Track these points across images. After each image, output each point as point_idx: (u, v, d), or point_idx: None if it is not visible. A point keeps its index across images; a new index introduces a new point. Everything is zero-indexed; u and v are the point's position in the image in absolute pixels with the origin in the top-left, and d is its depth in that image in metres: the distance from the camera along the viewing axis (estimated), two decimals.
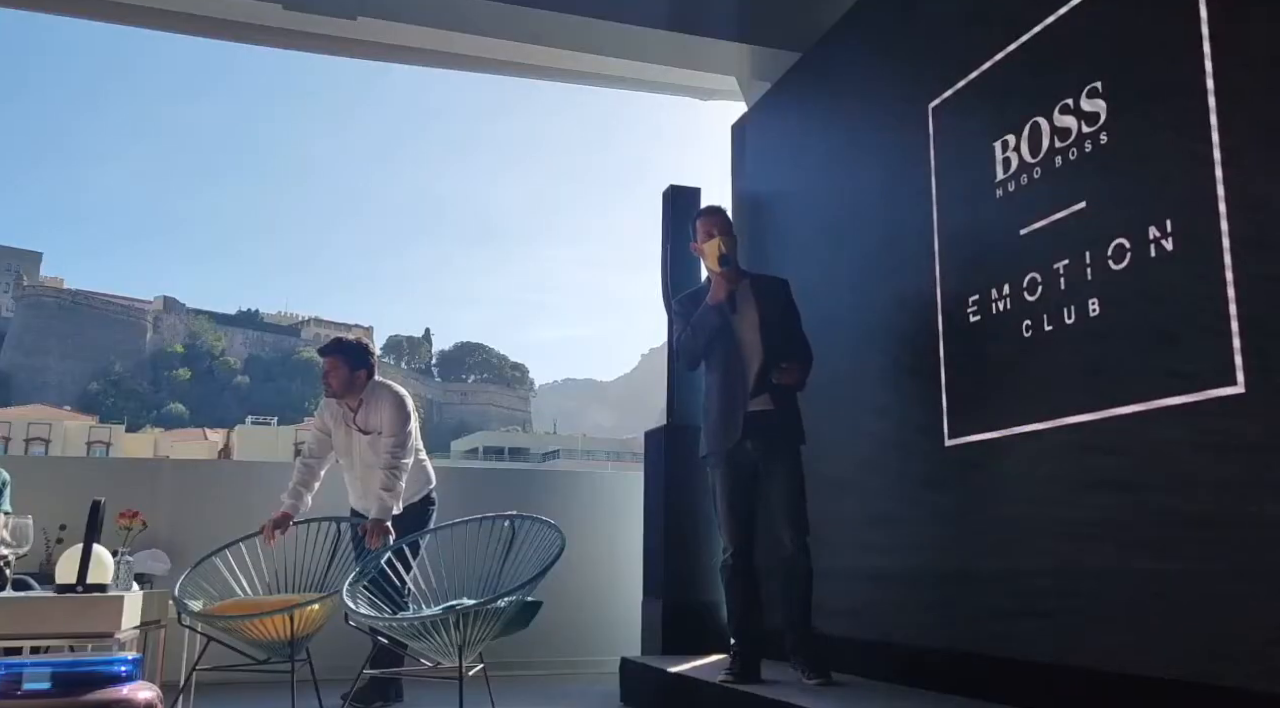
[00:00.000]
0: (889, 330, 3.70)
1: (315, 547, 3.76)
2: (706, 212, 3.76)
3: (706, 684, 3.45)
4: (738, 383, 3.44)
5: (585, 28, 5.29)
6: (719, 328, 3.49)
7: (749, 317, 3.50)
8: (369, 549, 3.67)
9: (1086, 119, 2.77)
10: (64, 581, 2.99)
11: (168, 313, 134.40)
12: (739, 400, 3.42)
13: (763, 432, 3.39)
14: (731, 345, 3.48)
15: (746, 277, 3.63)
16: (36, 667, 2.22)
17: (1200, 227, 2.36)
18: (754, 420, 3.40)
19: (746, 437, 3.40)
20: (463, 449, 79.57)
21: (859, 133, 4.15)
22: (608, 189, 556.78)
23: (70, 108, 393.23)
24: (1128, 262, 2.57)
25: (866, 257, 3.92)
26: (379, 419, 3.96)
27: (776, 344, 3.45)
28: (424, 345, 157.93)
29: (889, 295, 3.72)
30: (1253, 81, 2.30)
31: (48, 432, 68.15)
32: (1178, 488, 2.36)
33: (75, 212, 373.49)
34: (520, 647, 3.76)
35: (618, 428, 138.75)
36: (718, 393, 3.51)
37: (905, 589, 3.41)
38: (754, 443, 3.40)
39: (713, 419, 3.52)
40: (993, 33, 3.22)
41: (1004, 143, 3.11)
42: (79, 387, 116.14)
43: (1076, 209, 2.78)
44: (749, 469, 3.44)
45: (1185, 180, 2.42)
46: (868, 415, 3.74)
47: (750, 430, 3.39)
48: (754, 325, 3.48)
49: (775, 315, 3.51)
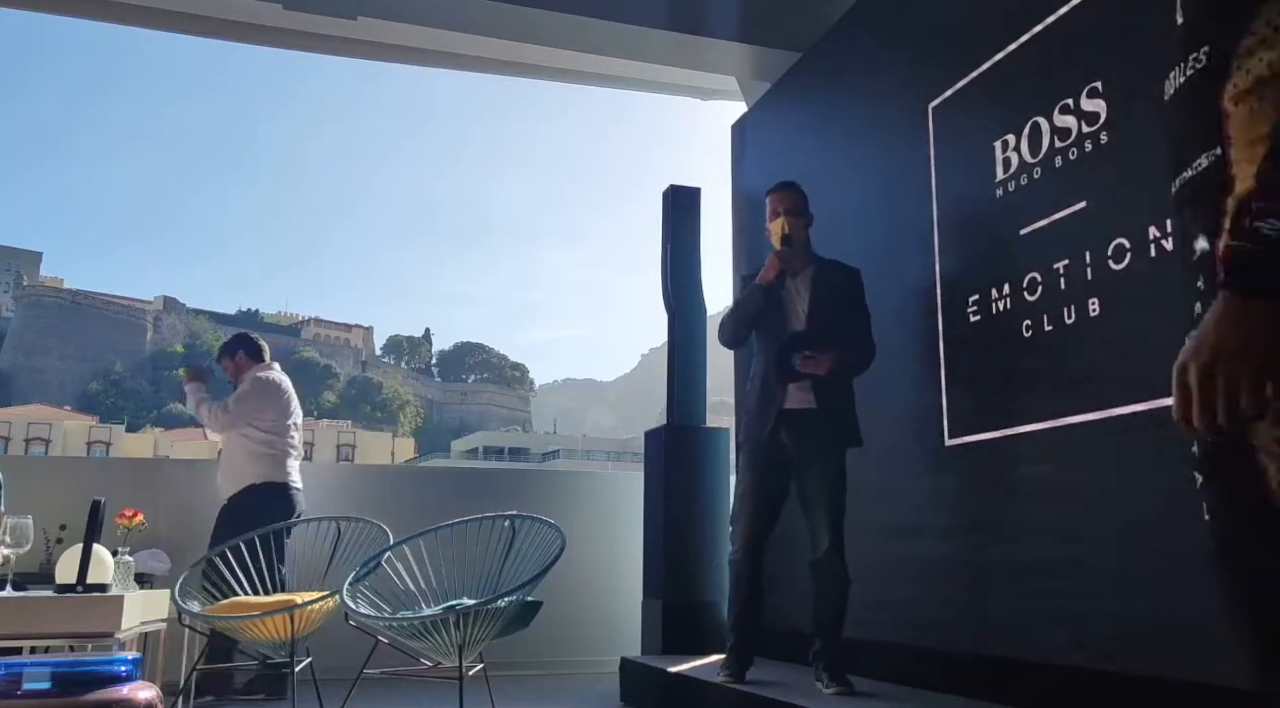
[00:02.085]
0: (889, 330, 3.70)
1: (315, 547, 3.76)
2: (776, 188, 3.54)
3: (706, 684, 3.45)
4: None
5: (585, 27, 5.29)
6: (763, 309, 3.34)
7: (800, 301, 3.36)
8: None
9: (1086, 119, 2.77)
10: (64, 581, 2.99)
11: (168, 313, 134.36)
12: (775, 392, 3.27)
13: (801, 429, 3.25)
14: (779, 330, 3.33)
15: (813, 262, 3.45)
16: (36, 667, 2.22)
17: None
18: (793, 418, 3.25)
19: (781, 429, 3.27)
20: (463, 449, 79.55)
21: (859, 133, 4.15)
22: (607, 189, 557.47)
23: (70, 108, 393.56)
24: (1128, 262, 2.57)
25: (866, 257, 3.91)
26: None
27: (819, 332, 3.27)
28: (424, 345, 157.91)
29: (889, 295, 3.72)
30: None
31: (48, 432, 68.13)
32: (1178, 487, 2.35)
33: (75, 212, 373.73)
34: (520, 647, 3.76)
35: (618, 428, 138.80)
36: (760, 380, 3.36)
37: (905, 589, 3.41)
38: (790, 438, 3.26)
39: (751, 407, 3.38)
40: (993, 33, 3.22)
41: (1004, 143, 3.11)
42: (79, 387, 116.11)
43: (1076, 209, 2.78)
44: (779, 463, 3.30)
45: None
46: (868, 415, 3.73)
47: (787, 425, 3.26)
48: (801, 311, 3.34)
49: (828, 302, 3.33)
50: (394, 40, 5.48)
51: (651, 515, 4.93)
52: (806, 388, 3.25)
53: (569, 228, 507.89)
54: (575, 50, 5.53)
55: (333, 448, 77.00)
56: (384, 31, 5.34)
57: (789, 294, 3.38)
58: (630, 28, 5.31)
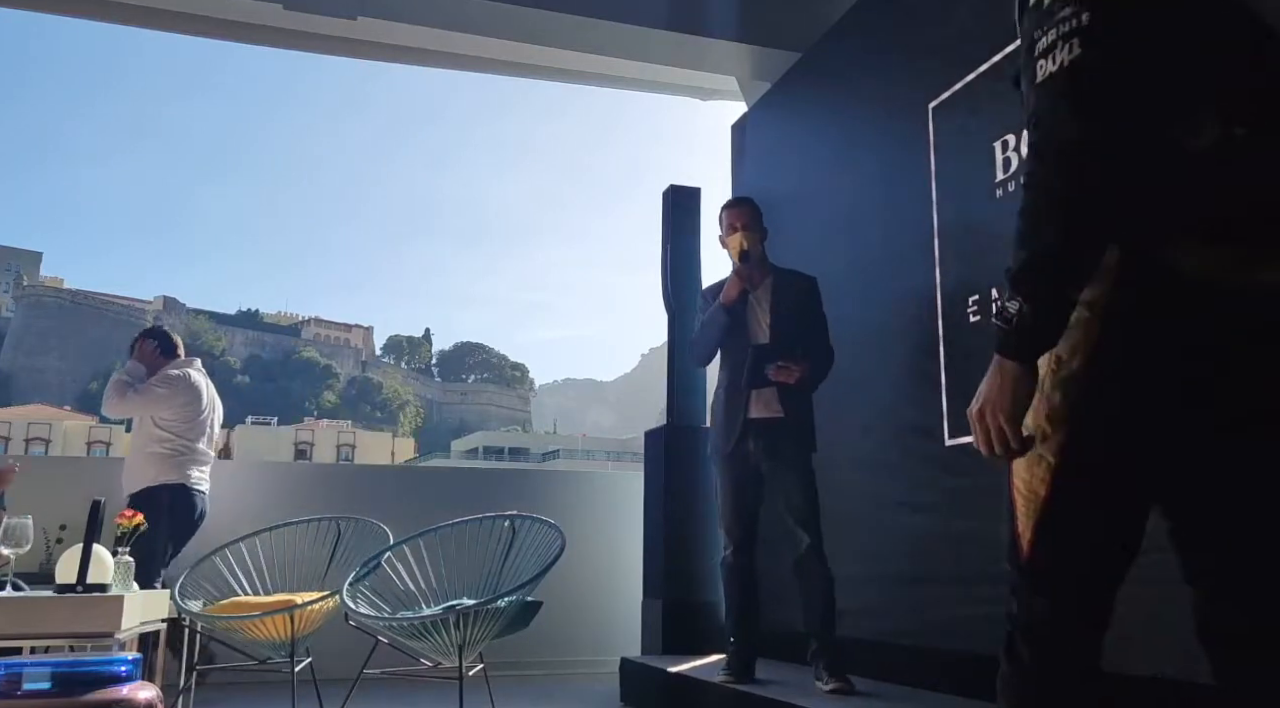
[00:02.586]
0: (889, 330, 3.70)
1: (315, 547, 3.76)
2: (732, 203, 3.63)
3: (707, 684, 3.45)
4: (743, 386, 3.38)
5: (585, 27, 5.29)
6: (729, 327, 3.42)
7: (762, 314, 3.43)
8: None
9: None
10: (64, 581, 2.99)
11: (168, 313, 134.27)
12: (740, 405, 3.37)
13: (767, 437, 3.34)
14: (742, 343, 3.41)
15: (771, 273, 3.52)
16: (36, 667, 2.22)
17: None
18: (758, 426, 3.34)
19: (748, 439, 3.36)
20: (463, 449, 79.56)
21: (859, 133, 4.15)
22: (608, 189, 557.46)
23: (70, 107, 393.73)
24: None
25: (866, 256, 3.92)
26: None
27: (783, 343, 3.37)
28: (424, 345, 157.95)
29: (889, 295, 3.72)
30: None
31: (48, 432, 68.17)
32: None
33: (75, 212, 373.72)
34: (520, 647, 3.76)
35: (618, 428, 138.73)
36: (725, 392, 3.47)
37: (905, 590, 3.41)
38: (757, 446, 3.35)
39: (718, 418, 3.49)
40: (993, 32, 3.22)
41: (1004, 143, 3.10)
42: (79, 387, 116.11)
43: None
44: (752, 469, 3.39)
45: None
46: (868, 415, 3.74)
47: (753, 434, 3.35)
48: (764, 323, 3.42)
49: (789, 313, 3.41)
50: (394, 40, 5.48)
51: (651, 515, 4.93)
52: (773, 398, 3.34)
53: (569, 228, 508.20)
54: (575, 50, 5.53)
55: (333, 448, 77.05)
56: (384, 31, 5.34)
57: (751, 307, 3.47)
58: (630, 28, 5.31)
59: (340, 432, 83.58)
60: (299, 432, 79.67)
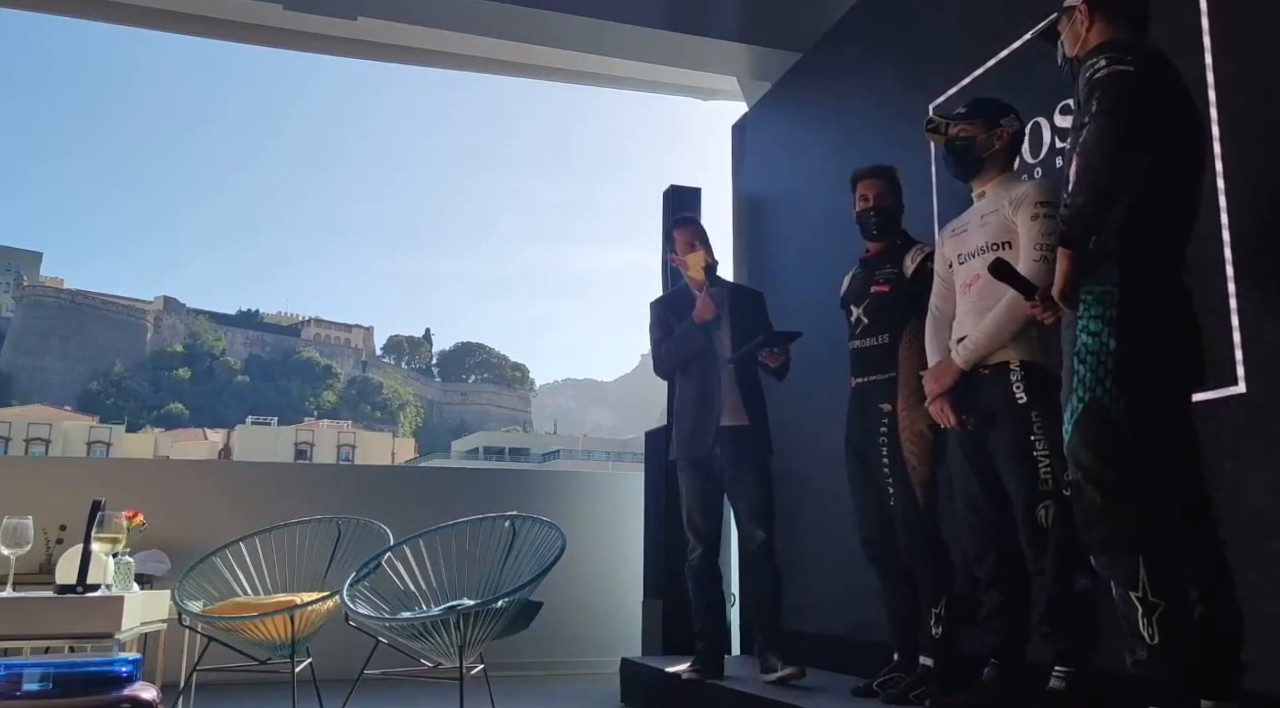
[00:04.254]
0: None
1: (315, 547, 3.76)
2: (683, 222, 3.75)
3: (706, 684, 3.45)
4: (715, 396, 3.47)
5: (585, 28, 5.29)
6: (706, 345, 3.50)
7: (726, 331, 3.53)
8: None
9: None
10: (64, 581, 2.99)
11: (168, 313, 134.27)
12: (712, 413, 3.46)
13: (734, 443, 3.46)
14: (710, 359, 3.51)
15: (726, 287, 3.64)
16: (36, 667, 2.22)
17: (1200, 226, 2.35)
18: (728, 434, 3.46)
19: (717, 445, 3.46)
20: (463, 449, 79.50)
21: (859, 133, 4.15)
22: (608, 189, 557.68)
23: (70, 107, 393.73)
24: None
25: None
26: None
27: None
28: (424, 345, 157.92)
29: None
30: (1253, 81, 2.30)
31: (48, 432, 68.12)
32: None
33: (75, 212, 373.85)
34: (520, 647, 3.76)
35: (618, 428, 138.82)
36: (692, 404, 3.54)
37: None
38: (725, 451, 3.46)
39: (685, 428, 3.56)
40: (993, 32, 3.22)
41: None
42: (79, 387, 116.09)
43: None
44: (718, 475, 3.51)
45: None
46: None
47: (722, 440, 3.45)
48: (729, 340, 3.51)
49: (746, 326, 3.51)
50: (394, 41, 5.49)
51: (651, 516, 4.93)
52: (739, 406, 3.48)
53: (569, 228, 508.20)
54: (576, 50, 5.53)
55: (333, 448, 77.01)
56: (384, 32, 5.35)
57: (719, 326, 3.55)
58: (631, 28, 5.31)
59: (340, 432, 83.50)
60: (299, 432, 79.55)
